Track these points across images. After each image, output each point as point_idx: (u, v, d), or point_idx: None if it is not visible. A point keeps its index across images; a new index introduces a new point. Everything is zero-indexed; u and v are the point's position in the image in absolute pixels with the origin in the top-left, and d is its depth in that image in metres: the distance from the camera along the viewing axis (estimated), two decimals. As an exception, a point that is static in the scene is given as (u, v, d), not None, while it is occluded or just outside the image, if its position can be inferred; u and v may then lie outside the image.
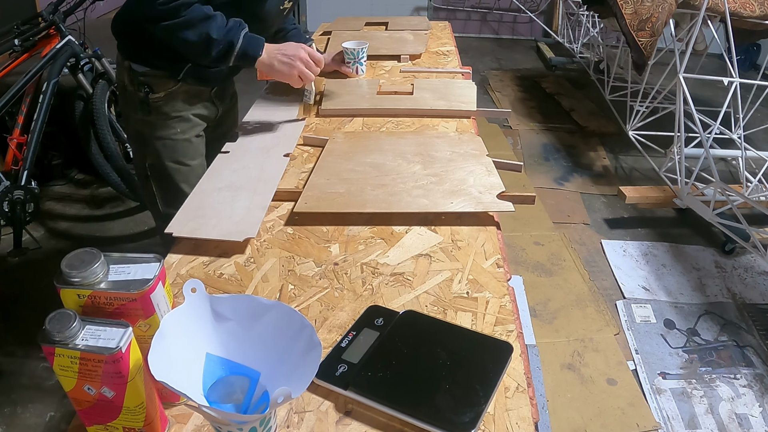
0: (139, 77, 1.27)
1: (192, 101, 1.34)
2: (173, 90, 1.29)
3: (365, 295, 0.82)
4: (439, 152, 1.18)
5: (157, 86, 1.28)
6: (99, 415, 0.56)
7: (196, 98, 1.35)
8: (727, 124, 2.96)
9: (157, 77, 1.27)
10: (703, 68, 2.82)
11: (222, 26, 1.15)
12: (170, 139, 1.34)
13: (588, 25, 4.11)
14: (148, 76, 1.27)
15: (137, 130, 1.36)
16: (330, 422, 0.63)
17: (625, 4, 2.56)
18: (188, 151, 1.37)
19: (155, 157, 1.35)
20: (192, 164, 1.38)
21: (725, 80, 2.34)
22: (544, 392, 1.72)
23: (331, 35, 1.99)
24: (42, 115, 2.18)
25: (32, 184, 2.18)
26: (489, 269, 0.87)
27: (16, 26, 2.26)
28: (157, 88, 1.28)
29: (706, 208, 2.33)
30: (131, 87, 1.30)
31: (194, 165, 1.38)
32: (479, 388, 0.64)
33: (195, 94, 1.34)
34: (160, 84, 1.28)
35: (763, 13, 2.47)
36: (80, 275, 0.53)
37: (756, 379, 1.82)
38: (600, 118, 3.61)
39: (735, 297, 2.17)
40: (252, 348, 0.60)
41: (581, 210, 2.72)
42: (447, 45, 1.99)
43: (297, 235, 0.96)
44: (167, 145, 1.34)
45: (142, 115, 1.31)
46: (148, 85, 1.27)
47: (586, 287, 2.17)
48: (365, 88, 1.53)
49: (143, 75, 1.27)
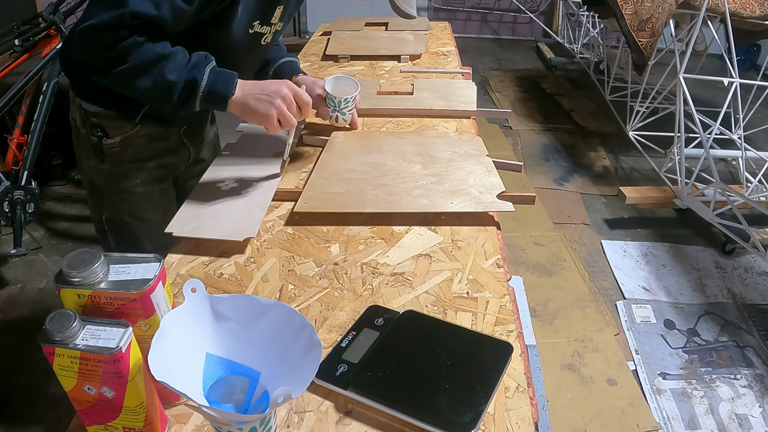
0: (91, 118, 1.06)
1: (155, 146, 1.13)
2: (131, 134, 1.08)
3: (365, 295, 0.82)
4: (439, 152, 1.18)
5: (112, 129, 1.07)
6: (99, 415, 0.56)
7: (160, 142, 1.14)
8: (727, 124, 2.96)
9: (111, 119, 1.06)
10: (703, 68, 2.82)
11: (182, 65, 0.92)
12: (127, 192, 1.13)
13: (588, 26, 4.11)
14: (101, 117, 1.06)
15: (90, 180, 1.16)
16: (330, 422, 0.63)
17: (625, 4, 2.56)
18: (150, 206, 1.17)
19: (112, 210, 1.17)
20: (156, 220, 1.16)
21: (725, 80, 2.35)
22: (544, 392, 1.72)
23: (331, 35, 1.99)
24: (42, 116, 2.18)
25: (32, 184, 2.18)
26: (489, 269, 0.87)
27: (16, 26, 2.26)
28: (111, 131, 1.07)
29: (706, 209, 2.33)
30: (83, 129, 1.09)
31: (158, 221, 1.13)
32: (479, 388, 0.64)
33: (159, 137, 1.13)
34: (115, 127, 1.07)
35: (763, 13, 2.47)
36: (80, 275, 0.53)
37: (756, 380, 1.82)
38: (600, 119, 3.61)
39: (735, 297, 2.17)
40: (252, 348, 0.60)
41: (581, 210, 2.72)
42: (447, 45, 1.99)
43: (297, 235, 0.96)
44: (124, 198, 1.14)
45: (95, 162, 1.11)
46: (101, 128, 1.06)
47: (587, 287, 2.17)
48: (365, 88, 1.53)
49: (95, 116, 1.06)
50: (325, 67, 1.76)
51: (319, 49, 1.93)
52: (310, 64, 1.79)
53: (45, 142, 2.34)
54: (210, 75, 0.94)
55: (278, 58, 1.27)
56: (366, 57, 1.82)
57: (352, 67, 1.76)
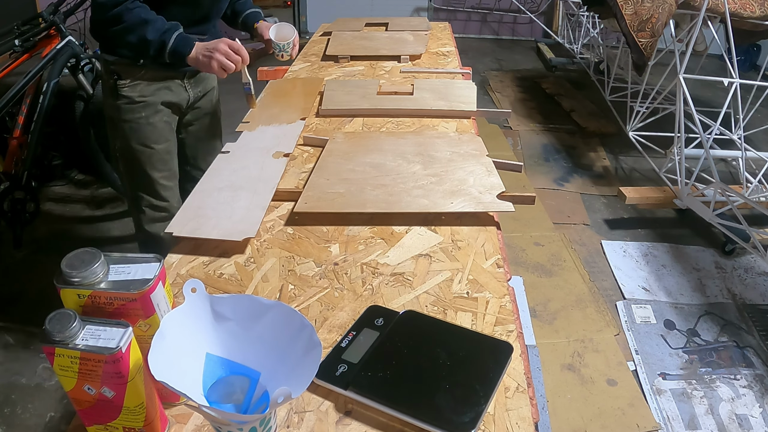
0: (110, 66, 1.41)
1: (158, 87, 1.45)
2: (138, 76, 1.41)
3: (365, 295, 0.82)
4: (439, 152, 1.18)
5: (125, 73, 1.41)
6: (99, 415, 0.56)
7: (162, 84, 1.46)
8: (727, 124, 2.96)
9: (123, 65, 1.40)
10: (703, 69, 2.82)
11: (159, 29, 1.28)
12: (136, 123, 1.45)
13: (588, 26, 4.11)
14: (117, 65, 1.40)
15: (109, 116, 1.48)
16: (330, 422, 0.63)
17: (625, 4, 2.56)
18: (152, 135, 1.48)
19: (123, 139, 1.48)
20: (156, 148, 1.50)
21: (725, 81, 2.35)
22: (544, 392, 1.72)
23: (331, 36, 1.99)
24: (42, 116, 2.18)
25: (32, 184, 2.18)
26: (489, 269, 0.87)
27: (16, 27, 2.26)
28: (124, 75, 1.41)
29: (706, 209, 2.33)
30: (105, 76, 1.44)
31: (158, 149, 1.50)
32: (479, 388, 0.64)
33: (163, 79, 1.45)
34: (127, 71, 1.41)
35: (763, 13, 2.47)
36: (80, 275, 0.53)
37: (756, 380, 1.82)
38: (600, 119, 3.61)
39: (735, 297, 2.17)
40: (252, 348, 0.60)
41: (581, 210, 2.72)
42: (447, 45, 1.99)
43: (297, 235, 0.96)
44: (133, 128, 1.46)
45: (112, 100, 1.44)
46: (117, 73, 1.41)
47: (586, 288, 2.17)
48: (365, 88, 1.53)
49: (113, 63, 1.40)
50: (325, 68, 1.76)
51: (319, 49, 1.93)
52: (311, 65, 1.79)
53: (45, 142, 2.35)
54: (176, 39, 1.29)
55: (244, 10, 1.61)
56: (366, 57, 1.82)
57: (353, 67, 1.76)
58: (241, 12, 1.60)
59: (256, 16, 1.60)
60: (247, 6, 1.63)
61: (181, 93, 1.52)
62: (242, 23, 1.60)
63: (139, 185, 1.54)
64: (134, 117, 1.45)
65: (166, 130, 1.52)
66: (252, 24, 1.58)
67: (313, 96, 1.51)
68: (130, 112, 1.44)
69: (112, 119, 1.48)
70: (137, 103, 1.44)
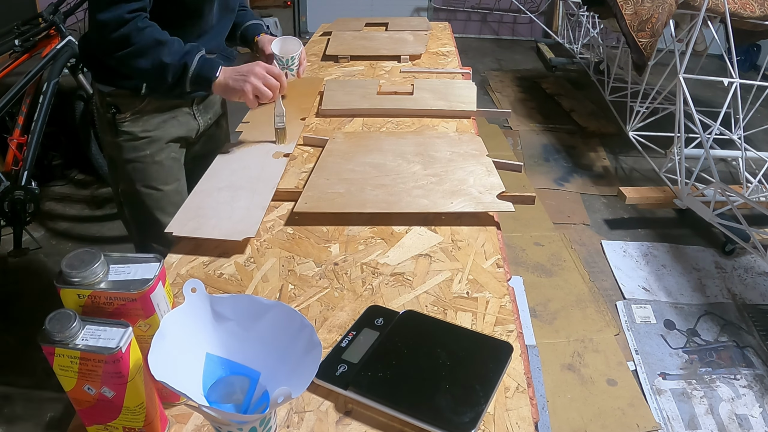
0: (106, 98, 1.22)
1: (163, 120, 1.26)
2: (140, 109, 1.22)
3: (365, 295, 0.82)
4: (439, 152, 1.18)
5: (124, 106, 1.21)
6: (99, 415, 0.56)
7: (169, 113, 1.27)
8: (727, 124, 2.96)
9: (122, 96, 1.21)
10: (703, 69, 2.82)
11: (177, 51, 1.09)
12: (140, 162, 1.26)
13: (588, 26, 4.11)
14: (114, 96, 1.21)
15: (109, 155, 1.30)
16: (330, 422, 0.63)
17: (625, 4, 2.56)
18: (160, 175, 1.29)
19: (126, 182, 1.29)
20: (165, 189, 1.30)
21: (725, 81, 2.34)
22: (544, 392, 1.72)
23: (331, 36, 1.99)
24: (42, 116, 2.18)
25: (32, 184, 2.18)
26: (489, 269, 0.87)
27: (16, 26, 2.26)
28: (123, 107, 1.21)
29: (706, 209, 2.33)
30: (101, 109, 1.24)
31: (167, 190, 1.30)
32: (479, 388, 0.64)
33: (169, 108, 1.26)
34: (126, 104, 1.21)
35: (763, 13, 2.47)
36: (80, 275, 0.53)
37: (756, 380, 1.82)
38: (600, 119, 3.61)
39: (735, 297, 2.17)
40: (252, 348, 0.60)
41: (581, 210, 2.72)
42: (447, 45, 1.99)
43: (297, 235, 0.96)
44: (137, 168, 1.27)
45: (111, 137, 1.25)
46: (115, 106, 1.21)
47: (586, 288, 2.17)
48: (365, 88, 1.53)
49: (109, 95, 1.21)
50: (325, 68, 1.76)
51: (319, 49, 1.93)
52: (311, 65, 1.79)
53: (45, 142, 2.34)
54: (199, 61, 1.11)
55: (244, 21, 1.41)
56: (366, 57, 1.82)
57: (353, 67, 1.76)
58: (240, 24, 1.40)
59: (257, 28, 1.40)
60: (247, 17, 1.42)
61: (189, 123, 1.32)
62: (241, 37, 1.40)
63: (149, 234, 1.32)
64: (138, 155, 1.25)
65: (174, 168, 1.32)
66: (252, 37, 1.39)
67: (313, 96, 1.51)
68: (133, 150, 1.25)
69: (112, 159, 1.29)
70: (140, 140, 1.24)
